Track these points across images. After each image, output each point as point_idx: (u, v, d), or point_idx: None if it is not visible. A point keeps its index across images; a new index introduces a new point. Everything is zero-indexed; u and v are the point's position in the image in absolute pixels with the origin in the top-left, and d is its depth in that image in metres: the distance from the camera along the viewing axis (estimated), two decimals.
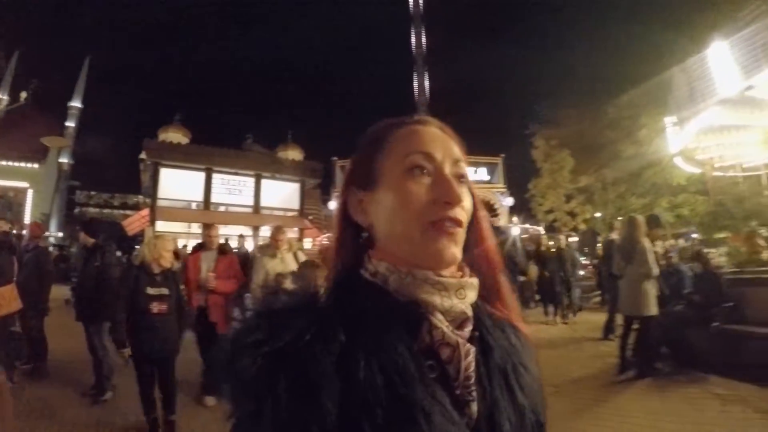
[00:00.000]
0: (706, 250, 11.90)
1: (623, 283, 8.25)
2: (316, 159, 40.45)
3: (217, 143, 35.92)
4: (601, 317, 11.38)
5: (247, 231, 32.45)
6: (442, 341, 0.91)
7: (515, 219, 33.60)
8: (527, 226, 30.73)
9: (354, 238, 1.07)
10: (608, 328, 10.53)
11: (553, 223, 30.93)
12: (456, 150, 1.05)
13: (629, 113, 23.32)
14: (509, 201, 36.41)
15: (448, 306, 0.94)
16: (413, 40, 71.87)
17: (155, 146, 32.77)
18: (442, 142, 1.03)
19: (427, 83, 69.63)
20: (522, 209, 36.03)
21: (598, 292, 17.76)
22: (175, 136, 34.64)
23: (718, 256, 11.86)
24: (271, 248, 8.07)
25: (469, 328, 0.96)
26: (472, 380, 0.91)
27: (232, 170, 34.68)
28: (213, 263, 7.64)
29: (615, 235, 11.89)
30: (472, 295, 0.99)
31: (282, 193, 37.39)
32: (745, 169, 15.93)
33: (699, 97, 11.58)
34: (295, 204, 38.03)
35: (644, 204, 22.96)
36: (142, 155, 33.05)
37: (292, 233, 33.48)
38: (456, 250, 0.96)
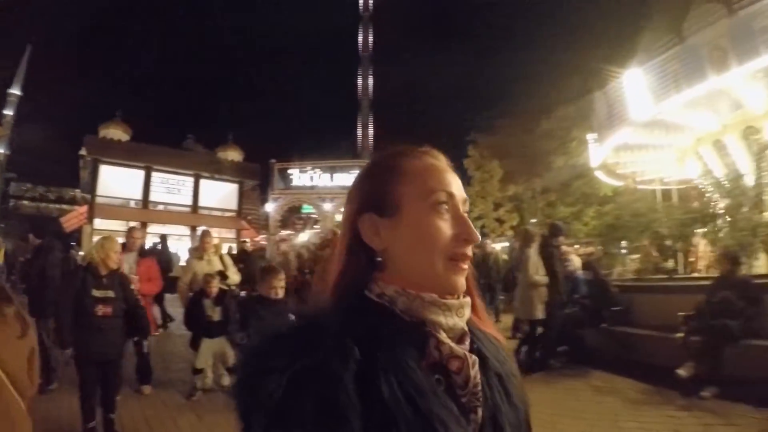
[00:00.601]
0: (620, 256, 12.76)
1: (517, 289, 9.01)
2: (256, 160, 40.77)
3: (158, 141, 35.89)
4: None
5: (185, 231, 32.31)
6: (450, 355, 0.99)
7: None
8: None
9: (362, 261, 1.09)
10: (516, 328, 11.25)
11: (481, 229, 31.20)
12: (458, 178, 1.14)
13: (562, 126, 24.07)
14: None
15: (452, 324, 1.03)
16: (360, 41, 71.65)
17: (96, 143, 32.47)
18: (456, 180, 1.11)
19: (371, 85, 69.59)
20: None
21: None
22: (115, 132, 34.37)
23: (621, 265, 12.71)
24: (199, 251, 8.50)
25: (467, 341, 1.06)
26: (479, 387, 1.00)
27: (172, 169, 34.53)
28: (134, 265, 7.78)
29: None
30: (468, 313, 1.08)
31: (220, 194, 37.36)
32: (664, 184, 16.93)
33: (616, 118, 12.30)
34: (234, 204, 38.08)
35: (573, 212, 23.69)
36: (83, 151, 32.63)
37: (229, 233, 33.39)
38: (463, 282, 1.06)
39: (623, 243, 15.64)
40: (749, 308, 6.90)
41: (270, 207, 39.96)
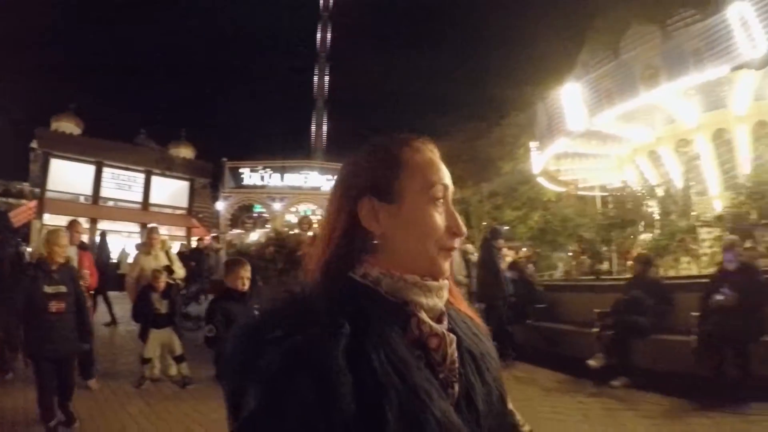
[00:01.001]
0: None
1: None
2: (208, 158, 40.35)
3: (110, 136, 34.78)
4: None
5: (135, 228, 31.92)
6: (430, 333, 1.04)
7: None
8: None
9: (357, 243, 1.12)
10: None
11: None
12: (447, 169, 1.19)
13: (512, 133, 24.74)
14: None
15: (432, 304, 1.09)
16: (318, 40, 71.17)
17: (48, 136, 31.78)
18: (447, 173, 1.17)
19: (327, 85, 69.30)
20: None
21: None
22: (67, 125, 33.51)
23: (554, 267, 13.42)
24: (146, 246, 8.83)
25: (446, 321, 1.12)
26: (456, 364, 1.06)
27: (123, 165, 33.91)
28: (75, 258, 7.90)
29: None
30: (446, 295, 1.14)
31: (171, 191, 36.92)
32: (603, 190, 17.65)
33: (555, 128, 12.89)
34: (184, 202, 37.64)
35: (518, 216, 24.12)
36: (33, 144, 31.94)
37: (179, 231, 33.13)
38: (447, 267, 1.13)
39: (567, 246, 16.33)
40: (659, 306, 7.55)
41: (221, 205, 39.67)
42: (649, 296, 7.59)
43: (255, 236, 29.20)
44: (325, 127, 65.52)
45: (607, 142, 14.12)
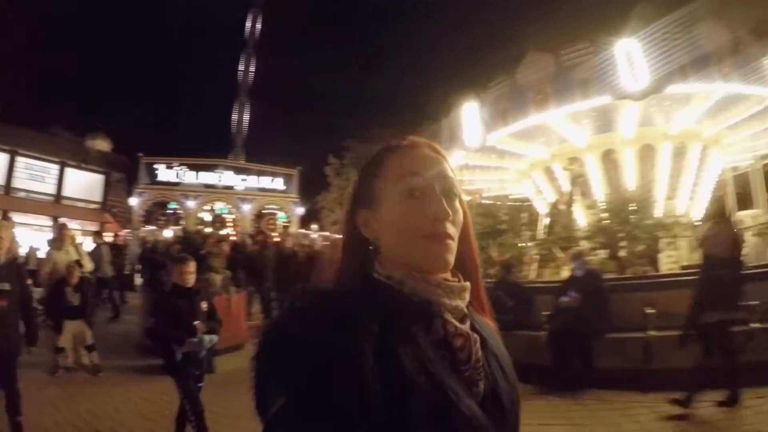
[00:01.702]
0: None
1: None
2: (125, 152, 39.82)
3: (24, 124, 33.45)
4: None
5: (46, 221, 30.78)
6: (455, 333, 1.07)
7: (314, 226, 34.90)
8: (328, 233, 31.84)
9: (361, 248, 1.19)
10: None
11: (336, 233, 31.92)
12: (445, 167, 1.19)
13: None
14: (301, 210, 39.33)
15: (455, 305, 1.11)
16: (247, 29, 70.03)
17: None
18: (432, 162, 1.18)
19: (251, 80, 68.41)
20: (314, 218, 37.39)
21: None
22: None
23: None
24: (58, 242, 9.17)
25: (468, 322, 1.14)
26: (481, 363, 1.09)
27: (38, 155, 32.90)
28: None
29: None
30: (467, 296, 1.16)
31: (86, 184, 36.11)
32: (510, 200, 18.76)
33: (455, 141, 13.71)
34: (98, 196, 37.05)
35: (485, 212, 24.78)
36: None
37: (93, 226, 32.41)
38: (448, 257, 1.12)
39: None
40: (519, 306, 8.79)
41: (134, 201, 38.98)
42: (509, 297, 8.80)
43: (168, 233, 29.04)
44: (246, 124, 64.87)
45: (505, 157, 15.12)
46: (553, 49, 11.98)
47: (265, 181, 41.94)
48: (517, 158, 15.22)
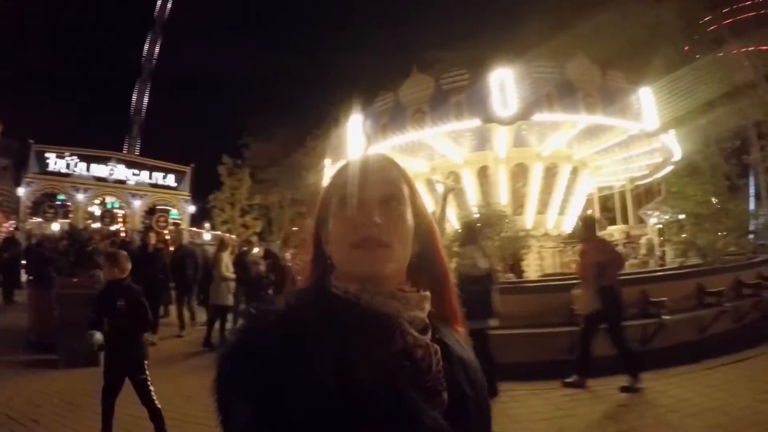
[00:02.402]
0: None
1: (213, 283, 11.50)
2: (16, 136, 37.94)
3: None
4: None
5: None
6: (414, 344, 1.05)
7: (207, 225, 34.63)
8: (219, 232, 31.66)
9: (321, 263, 1.18)
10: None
11: (227, 232, 31.68)
12: (387, 173, 1.17)
13: (321, 145, 25.62)
14: (192, 208, 38.64)
15: (413, 317, 1.09)
16: (155, 15, 68.34)
17: None
18: (372, 170, 1.15)
19: (154, 65, 66.98)
20: (206, 216, 36.77)
21: None
22: None
23: None
24: None
25: (429, 332, 1.12)
26: (442, 374, 1.07)
27: None
28: None
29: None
30: (427, 306, 1.14)
31: None
32: None
33: (341, 150, 14.35)
34: None
35: None
36: None
37: None
38: (381, 265, 1.08)
39: None
40: None
41: (22, 191, 36.57)
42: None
43: (56, 227, 28.16)
44: (143, 117, 63.46)
45: None
46: (435, 73, 12.77)
47: (158, 177, 40.80)
48: None
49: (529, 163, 14.78)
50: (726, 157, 30.22)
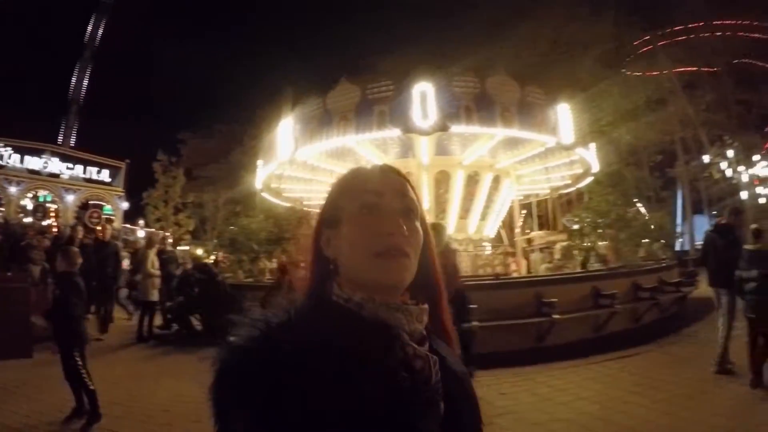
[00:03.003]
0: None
1: (140, 279, 12.32)
2: None
3: None
4: None
5: None
6: (414, 355, 1.10)
7: (141, 222, 34.43)
8: (155, 230, 31.37)
9: (322, 268, 1.21)
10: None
11: (160, 230, 32.00)
12: (405, 187, 1.25)
13: (258, 144, 25.93)
14: (125, 205, 38.11)
15: (413, 328, 1.15)
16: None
17: None
18: (391, 182, 1.23)
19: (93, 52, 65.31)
20: (140, 213, 36.82)
21: None
22: None
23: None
24: None
25: (426, 344, 1.18)
26: (440, 384, 1.12)
27: None
28: None
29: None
30: (425, 319, 1.20)
31: None
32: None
33: (272, 152, 15.02)
34: None
35: (252, 222, 25.35)
36: None
37: None
38: (403, 275, 1.14)
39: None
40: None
41: None
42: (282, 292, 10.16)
43: None
44: (79, 110, 61.94)
45: (317, 171, 16.57)
46: (362, 82, 13.34)
47: (92, 172, 39.85)
48: (329, 173, 16.56)
49: (452, 170, 15.56)
50: (650, 169, 31.82)
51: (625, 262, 15.38)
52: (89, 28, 65.22)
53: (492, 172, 16.44)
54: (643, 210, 40.89)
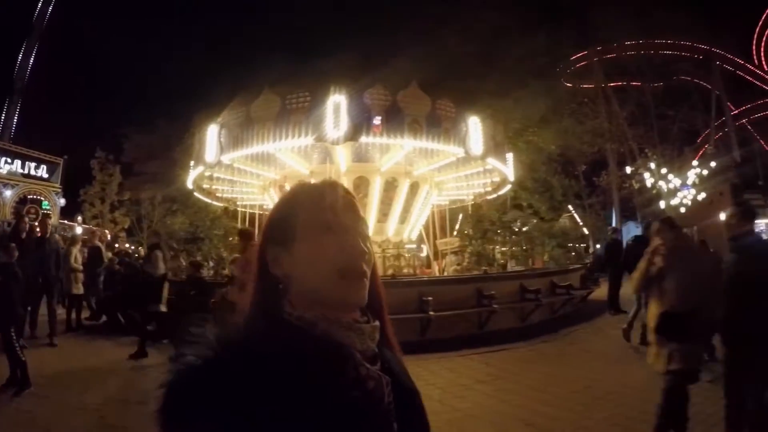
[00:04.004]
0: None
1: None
2: None
3: None
4: None
5: None
6: (367, 375, 1.09)
7: (79, 218, 34.51)
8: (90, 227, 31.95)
9: (271, 287, 1.18)
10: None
11: (96, 226, 32.16)
12: (356, 206, 1.24)
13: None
14: (62, 201, 38.42)
15: (365, 347, 1.14)
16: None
17: None
18: (348, 203, 1.21)
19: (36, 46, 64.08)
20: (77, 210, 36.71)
21: None
22: None
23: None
24: None
25: (378, 363, 1.17)
26: (392, 405, 1.11)
27: None
28: None
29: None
30: (377, 336, 1.19)
31: None
32: (261, 208, 21.21)
33: (200, 155, 15.92)
34: None
35: (174, 223, 25.92)
36: None
37: None
38: (362, 295, 1.15)
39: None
40: (199, 295, 10.91)
41: None
42: (194, 287, 11.20)
43: None
44: (19, 104, 60.68)
45: (245, 174, 17.71)
46: (282, 93, 14.28)
47: (31, 167, 40.08)
48: (256, 176, 17.80)
49: (370, 176, 16.67)
50: (575, 178, 33.27)
51: (524, 266, 16.73)
52: (34, 16, 64.29)
53: (409, 179, 17.60)
54: (576, 216, 42.78)
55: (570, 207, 39.52)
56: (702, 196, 32.10)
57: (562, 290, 14.66)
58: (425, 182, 18.44)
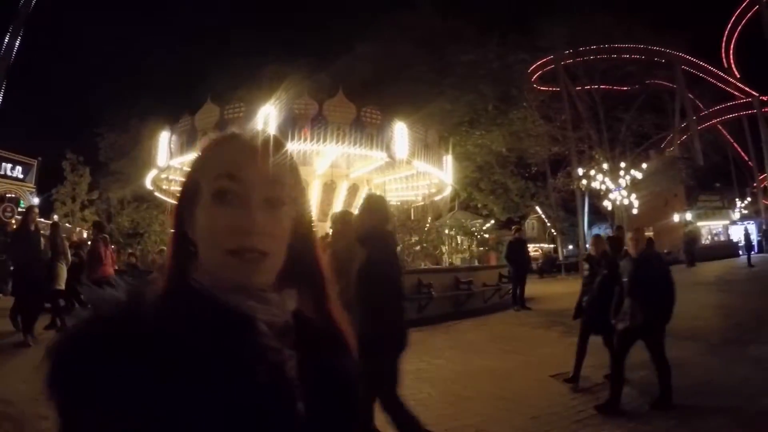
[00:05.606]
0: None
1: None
2: None
3: None
4: None
5: None
6: (268, 347, 0.96)
7: (55, 217, 34.92)
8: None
9: (183, 249, 1.03)
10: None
11: (67, 224, 32.11)
12: (272, 169, 1.00)
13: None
14: (36, 201, 38.70)
15: (271, 318, 1.00)
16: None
17: None
18: (254, 162, 0.99)
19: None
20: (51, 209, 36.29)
21: None
22: None
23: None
24: None
25: (291, 336, 1.03)
26: (295, 382, 0.98)
27: None
28: None
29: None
30: (291, 306, 1.06)
31: None
32: None
33: (154, 160, 17.68)
34: None
35: (144, 218, 27.31)
36: None
37: None
38: (260, 277, 0.98)
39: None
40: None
41: None
42: (130, 275, 12.76)
43: None
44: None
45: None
46: (221, 103, 15.82)
47: (6, 168, 41.38)
48: None
49: (309, 179, 17.70)
50: (526, 179, 34.43)
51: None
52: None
53: (347, 181, 19.22)
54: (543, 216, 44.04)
55: (537, 208, 40.95)
56: (634, 197, 33.24)
57: (464, 285, 15.43)
58: (363, 184, 19.94)
